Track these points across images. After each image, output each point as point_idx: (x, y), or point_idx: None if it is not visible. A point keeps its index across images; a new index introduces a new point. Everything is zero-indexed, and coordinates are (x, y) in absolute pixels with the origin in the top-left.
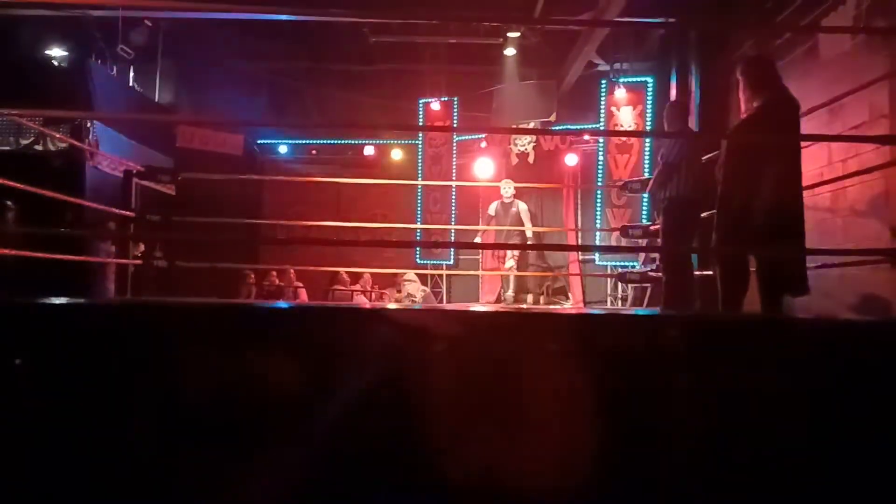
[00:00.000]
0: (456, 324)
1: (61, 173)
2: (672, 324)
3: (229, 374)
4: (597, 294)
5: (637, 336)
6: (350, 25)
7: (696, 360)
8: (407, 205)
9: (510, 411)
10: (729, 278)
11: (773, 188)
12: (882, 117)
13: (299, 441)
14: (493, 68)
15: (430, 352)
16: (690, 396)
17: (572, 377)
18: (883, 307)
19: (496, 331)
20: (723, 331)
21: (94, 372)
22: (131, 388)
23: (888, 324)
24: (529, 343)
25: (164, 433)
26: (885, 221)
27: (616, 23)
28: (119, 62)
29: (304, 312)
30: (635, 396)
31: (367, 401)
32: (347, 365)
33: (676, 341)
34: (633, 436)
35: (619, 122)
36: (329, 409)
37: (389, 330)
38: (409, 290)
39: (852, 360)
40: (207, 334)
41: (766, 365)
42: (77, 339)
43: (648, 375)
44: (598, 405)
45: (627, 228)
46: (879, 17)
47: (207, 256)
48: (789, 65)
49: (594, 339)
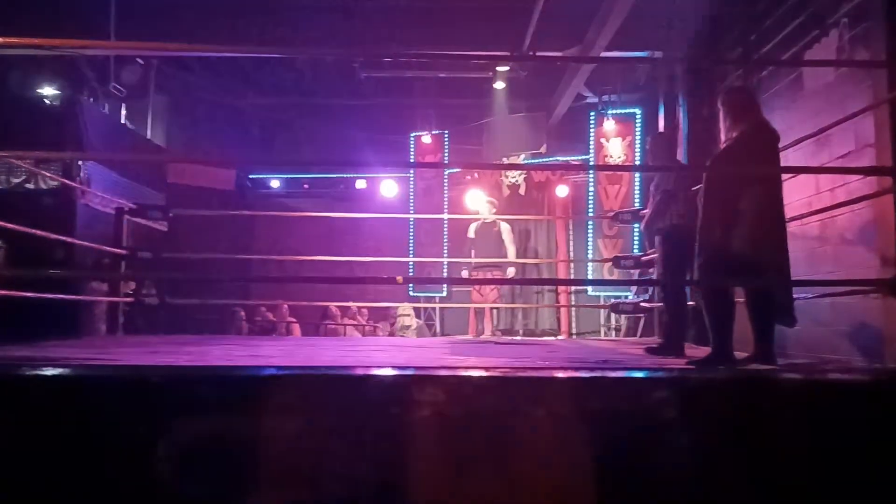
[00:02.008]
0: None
1: (52, 211)
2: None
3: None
4: (590, 325)
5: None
6: (340, 61)
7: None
8: (399, 237)
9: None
10: (713, 309)
11: (752, 218)
12: (867, 146)
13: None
14: (483, 101)
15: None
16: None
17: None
18: (874, 335)
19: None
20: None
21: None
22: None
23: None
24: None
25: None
26: (874, 250)
27: (603, 59)
28: (111, 100)
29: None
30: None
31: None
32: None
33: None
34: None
35: (608, 154)
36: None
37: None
38: (403, 323)
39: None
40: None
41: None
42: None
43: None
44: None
45: (619, 259)
46: (862, 49)
47: (199, 292)
48: (774, 95)
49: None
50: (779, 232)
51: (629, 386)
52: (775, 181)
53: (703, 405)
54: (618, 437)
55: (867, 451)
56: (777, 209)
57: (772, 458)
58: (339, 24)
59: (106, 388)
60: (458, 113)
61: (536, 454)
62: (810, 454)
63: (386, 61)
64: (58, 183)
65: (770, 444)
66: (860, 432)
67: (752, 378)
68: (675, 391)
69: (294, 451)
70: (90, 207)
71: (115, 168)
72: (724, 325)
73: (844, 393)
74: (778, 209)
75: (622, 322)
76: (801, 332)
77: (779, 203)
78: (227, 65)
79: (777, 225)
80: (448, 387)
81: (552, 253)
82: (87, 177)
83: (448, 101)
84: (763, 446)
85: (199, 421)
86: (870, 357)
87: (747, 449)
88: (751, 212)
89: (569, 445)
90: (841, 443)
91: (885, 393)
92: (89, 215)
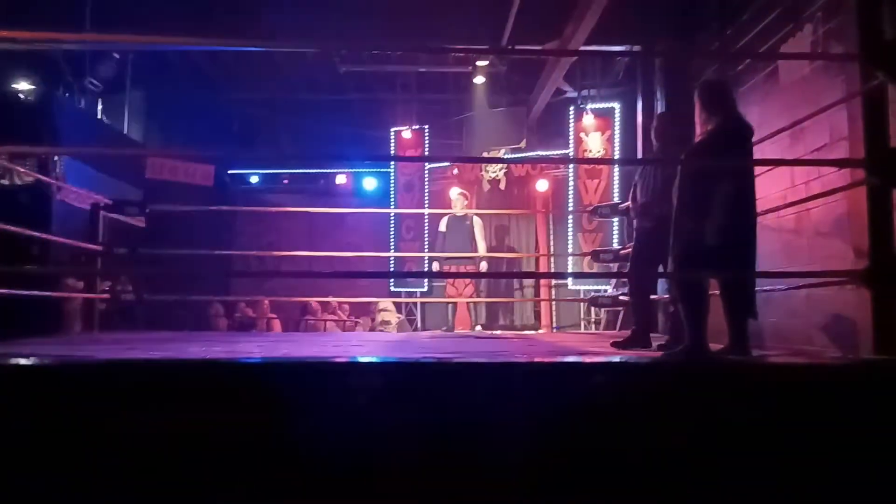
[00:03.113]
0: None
1: (27, 208)
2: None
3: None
4: (570, 319)
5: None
6: (319, 55)
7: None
8: (380, 233)
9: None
10: (688, 302)
11: (723, 211)
12: (842, 139)
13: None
14: (463, 96)
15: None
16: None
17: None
18: (848, 326)
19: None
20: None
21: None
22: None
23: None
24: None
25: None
26: (848, 241)
27: (582, 52)
28: (87, 95)
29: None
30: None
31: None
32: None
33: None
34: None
35: (587, 148)
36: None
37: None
38: (383, 317)
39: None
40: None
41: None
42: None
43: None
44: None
45: (598, 253)
46: (835, 43)
47: (178, 289)
48: (751, 89)
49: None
50: (748, 227)
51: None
52: (748, 175)
53: (673, 395)
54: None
55: (839, 439)
56: (748, 203)
57: (743, 446)
58: (317, 19)
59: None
60: (438, 108)
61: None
62: (781, 442)
63: (366, 56)
64: (33, 179)
65: (740, 433)
66: (833, 420)
67: (722, 368)
68: (645, 381)
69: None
70: (66, 203)
71: (91, 164)
72: (699, 316)
73: (815, 382)
74: (748, 203)
75: (602, 315)
76: (776, 324)
77: (750, 196)
78: (205, 59)
79: (746, 219)
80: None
81: (532, 247)
82: (62, 172)
83: (428, 97)
84: (733, 435)
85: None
86: (844, 347)
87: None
88: (722, 205)
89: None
90: (812, 431)
91: (855, 383)
92: (65, 211)
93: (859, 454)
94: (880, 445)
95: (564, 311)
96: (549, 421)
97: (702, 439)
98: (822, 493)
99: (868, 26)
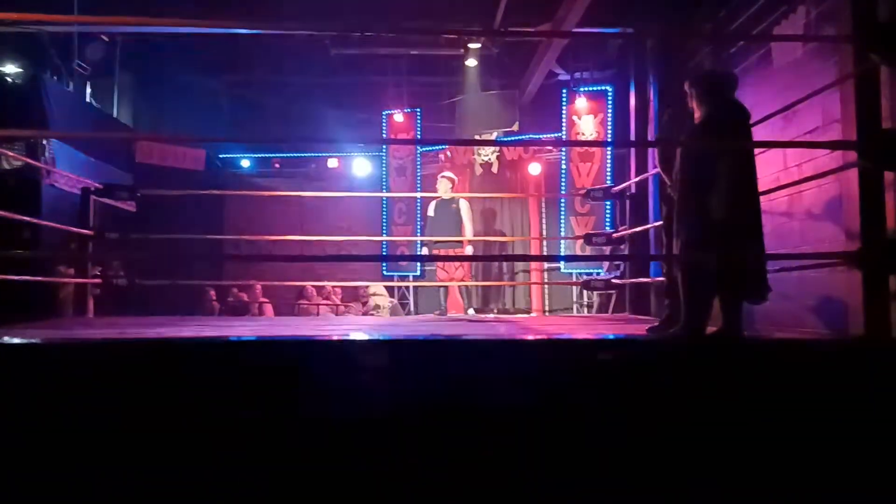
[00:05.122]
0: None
1: (17, 192)
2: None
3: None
4: (563, 302)
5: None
6: (310, 38)
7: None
8: (372, 217)
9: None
10: (693, 287)
11: (725, 196)
12: (835, 122)
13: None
14: (455, 79)
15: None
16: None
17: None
18: (839, 308)
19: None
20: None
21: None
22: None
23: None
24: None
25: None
26: (840, 223)
27: (574, 33)
28: (75, 78)
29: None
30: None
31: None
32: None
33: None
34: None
35: (580, 131)
36: None
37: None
38: (376, 302)
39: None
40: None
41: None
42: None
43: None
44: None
45: (591, 236)
46: (828, 25)
47: (169, 273)
48: (744, 72)
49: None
50: (751, 210)
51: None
52: (747, 158)
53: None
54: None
55: (829, 415)
56: (750, 186)
57: (736, 423)
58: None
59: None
60: (430, 91)
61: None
62: (776, 418)
63: (357, 39)
64: (22, 163)
65: (733, 410)
66: (825, 397)
67: (715, 347)
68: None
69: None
70: (56, 188)
71: (80, 147)
72: (702, 302)
73: (807, 361)
74: (751, 186)
75: (594, 299)
76: (768, 306)
77: (751, 180)
78: (194, 42)
79: (750, 203)
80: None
81: (525, 231)
82: (51, 157)
83: (420, 79)
84: (726, 412)
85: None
86: (835, 329)
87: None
88: (725, 190)
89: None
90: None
91: (844, 360)
92: (55, 196)
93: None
94: (872, 422)
95: (557, 294)
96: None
97: (695, 415)
98: (816, 468)
99: (861, 8)
